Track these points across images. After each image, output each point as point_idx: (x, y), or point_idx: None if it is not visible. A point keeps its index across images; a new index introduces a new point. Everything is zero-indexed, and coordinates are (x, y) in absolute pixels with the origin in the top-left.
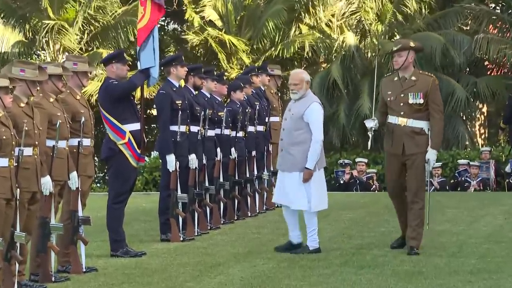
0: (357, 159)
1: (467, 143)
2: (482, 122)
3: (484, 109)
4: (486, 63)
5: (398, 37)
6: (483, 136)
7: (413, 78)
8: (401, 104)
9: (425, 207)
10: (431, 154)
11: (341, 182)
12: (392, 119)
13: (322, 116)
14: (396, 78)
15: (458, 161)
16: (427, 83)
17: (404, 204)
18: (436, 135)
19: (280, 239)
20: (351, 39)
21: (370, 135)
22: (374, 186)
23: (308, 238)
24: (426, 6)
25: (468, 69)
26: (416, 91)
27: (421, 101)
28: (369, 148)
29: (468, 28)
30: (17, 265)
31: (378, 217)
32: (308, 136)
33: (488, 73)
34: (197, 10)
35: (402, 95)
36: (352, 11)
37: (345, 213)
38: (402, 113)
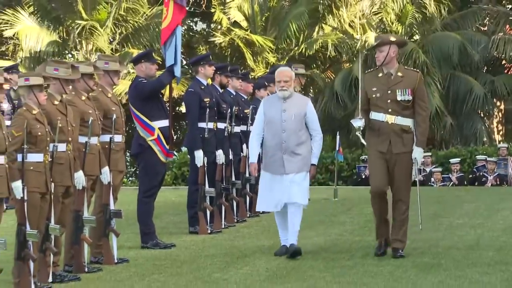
0: None
1: (485, 139)
2: (500, 119)
3: (502, 107)
4: (504, 62)
5: (417, 37)
6: (501, 133)
7: (399, 74)
8: (388, 101)
9: (419, 208)
10: (418, 153)
11: (363, 177)
12: (377, 116)
13: None
14: (380, 74)
15: (476, 157)
16: (414, 79)
17: (387, 208)
18: (422, 133)
19: (303, 231)
20: (372, 38)
21: (359, 135)
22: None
23: (294, 238)
24: (445, 7)
25: (485, 68)
26: (404, 88)
27: (410, 97)
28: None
29: (486, 28)
30: (52, 256)
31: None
32: (308, 134)
33: (505, 71)
34: (225, 11)
35: (389, 91)
36: (374, 12)
37: (367, 206)
38: (389, 110)
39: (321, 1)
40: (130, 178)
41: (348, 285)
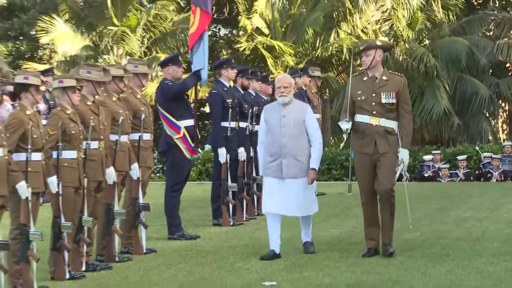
0: None
1: (490, 138)
2: (505, 119)
3: (506, 107)
4: (508, 65)
5: (426, 42)
6: (505, 132)
7: (384, 77)
8: (373, 103)
9: (407, 205)
10: (404, 154)
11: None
12: (362, 118)
13: None
14: (365, 78)
15: (482, 154)
16: (398, 83)
17: (376, 210)
18: (407, 134)
19: (320, 224)
20: None
21: (345, 137)
22: (405, 177)
23: (308, 236)
24: (453, 14)
25: (491, 71)
26: (388, 91)
27: (394, 100)
28: (340, 148)
29: (491, 33)
30: (85, 246)
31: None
32: (307, 140)
33: (510, 74)
34: (249, 17)
35: (374, 94)
36: (385, 18)
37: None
38: (374, 112)
39: (336, 9)
40: (158, 174)
41: (361, 274)
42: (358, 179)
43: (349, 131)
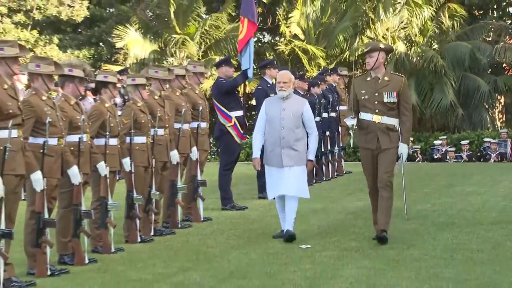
0: None
1: (489, 125)
2: (501, 109)
3: (502, 100)
4: (504, 65)
5: (436, 46)
6: (501, 120)
7: (386, 78)
8: (376, 102)
9: (404, 198)
10: (403, 148)
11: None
12: (366, 116)
13: None
14: (369, 78)
15: (483, 139)
16: (399, 83)
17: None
18: (407, 131)
19: (347, 197)
20: (401, 47)
21: (351, 133)
22: (418, 158)
23: (290, 225)
24: (458, 22)
25: (490, 70)
26: (390, 90)
27: (395, 99)
28: (351, 145)
29: (490, 39)
30: (153, 215)
31: (421, 181)
32: (304, 132)
33: (506, 72)
34: (287, 26)
35: (376, 94)
36: (401, 26)
37: (397, 178)
38: (376, 110)
39: (361, 18)
40: (213, 156)
41: None
42: (364, 171)
43: (354, 126)
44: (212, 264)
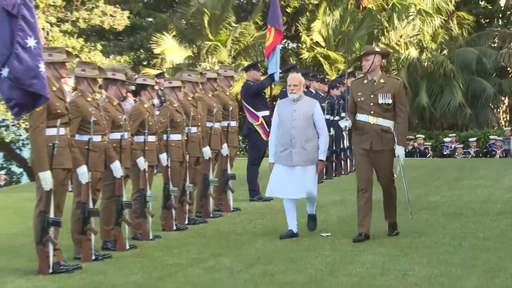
0: (417, 135)
1: (494, 124)
2: (505, 109)
3: (506, 101)
4: (508, 69)
5: (446, 51)
6: (505, 119)
7: (382, 80)
8: (371, 104)
9: (407, 196)
10: (400, 150)
11: (406, 151)
12: (362, 117)
13: None
14: (365, 81)
15: (489, 136)
16: (394, 85)
17: (370, 202)
18: (402, 133)
19: None
20: (413, 53)
21: (345, 135)
22: (429, 154)
23: (312, 210)
24: (466, 30)
25: (495, 74)
26: (385, 92)
27: (390, 101)
28: (346, 146)
29: (496, 45)
30: (187, 206)
31: (432, 175)
32: (315, 132)
33: (510, 76)
34: (308, 34)
35: (372, 96)
36: (414, 34)
37: (408, 172)
38: (372, 112)
39: (377, 27)
40: (242, 152)
41: None
42: (356, 170)
43: (347, 128)
44: (241, 250)
